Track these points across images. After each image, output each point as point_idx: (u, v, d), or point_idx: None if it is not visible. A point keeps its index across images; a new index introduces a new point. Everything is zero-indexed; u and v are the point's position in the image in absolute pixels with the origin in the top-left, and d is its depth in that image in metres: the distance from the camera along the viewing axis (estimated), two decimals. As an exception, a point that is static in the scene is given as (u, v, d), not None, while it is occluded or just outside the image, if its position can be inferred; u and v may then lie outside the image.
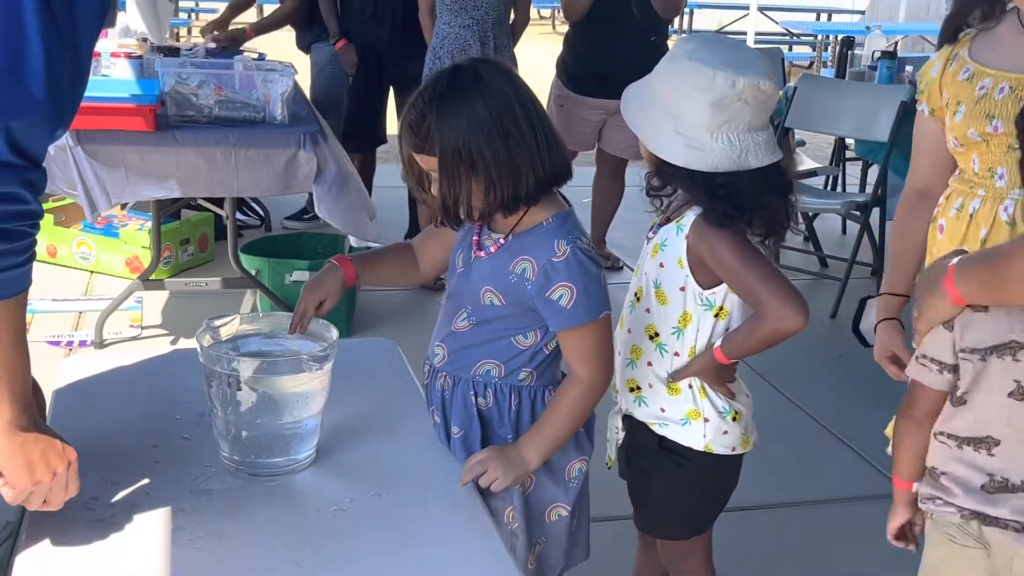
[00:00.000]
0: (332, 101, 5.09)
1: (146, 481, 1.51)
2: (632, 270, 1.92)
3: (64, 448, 1.32)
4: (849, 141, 5.69)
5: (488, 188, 1.54)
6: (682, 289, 1.75)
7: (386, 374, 1.99)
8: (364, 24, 4.84)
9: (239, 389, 1.51)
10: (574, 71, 4.68)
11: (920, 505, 1.61)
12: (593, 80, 4.59)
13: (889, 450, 1.71)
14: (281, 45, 5.52)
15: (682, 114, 1.67)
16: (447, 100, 1.53)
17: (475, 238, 1.68)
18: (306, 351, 1.61)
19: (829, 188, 5.81)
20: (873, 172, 5.73)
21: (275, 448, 1.56)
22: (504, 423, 1.70)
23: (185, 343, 3.77)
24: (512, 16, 4.64)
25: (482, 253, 1.66)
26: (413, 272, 1.87)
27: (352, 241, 3.68)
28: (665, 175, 1.75)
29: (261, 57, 4.45)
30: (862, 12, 14.41)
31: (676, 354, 1.79)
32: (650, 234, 1.83)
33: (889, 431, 1.87)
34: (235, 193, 3.41)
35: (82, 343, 3.76)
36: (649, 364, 1.82)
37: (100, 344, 3.73)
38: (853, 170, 6.24)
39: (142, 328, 3.92)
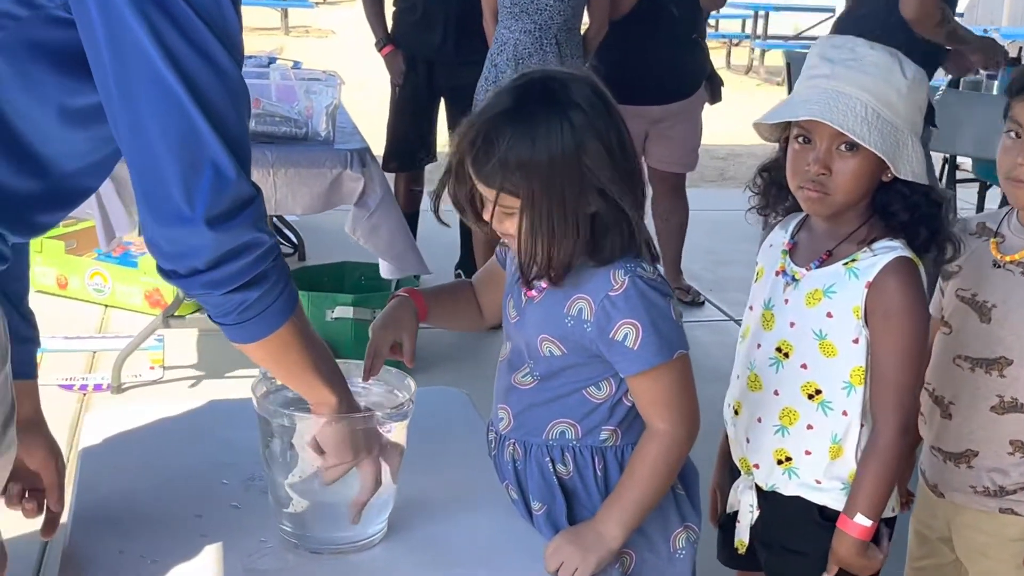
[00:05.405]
0: None
1: (192, 560, 1.46)
2: (714, 305, 1.83)
3: None
4: (961, 159, 5.56)
5: (589, 238, 1.46)
6: (855, 341, 1.68)
7: (459, 431, 1.92)
8: (412, 28, 4.80)
9: (302, 450, 1.45)
10: (606, 76, 4.60)
11: None
12: (631, 85, 4.51)
13: None
14: (315, 51, 5.50)
15: (918, 121, 1.63)
16: (536, 122, 1.45)
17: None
18: (380, 401, 1.56)
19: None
20: (992, 196, 5.61)
21: (342, 521, 1.50)
22: (591, 493, 1.63)
23: (211, 388, 3.72)
24: (585, 23, 4.55)
25: (533, 292, 1.59)
26: (478, 318, 1.83)
27: (383, 272, 3.63)
28: (890, 204, 1.66)
29: (296, 66, 4.42)
30: (960, 15, 14.29)
31: (844, 413, 1.70)
32: (786, 278, 1.75)
33: None
34: (272, 210, 3.37)
35: (97, 387, 3.72)
36: (810, 428, 1.73)
37: (118, 388, 3.69)
38: (966, 194, 6.10)
39: (164, 370, 3.89)
